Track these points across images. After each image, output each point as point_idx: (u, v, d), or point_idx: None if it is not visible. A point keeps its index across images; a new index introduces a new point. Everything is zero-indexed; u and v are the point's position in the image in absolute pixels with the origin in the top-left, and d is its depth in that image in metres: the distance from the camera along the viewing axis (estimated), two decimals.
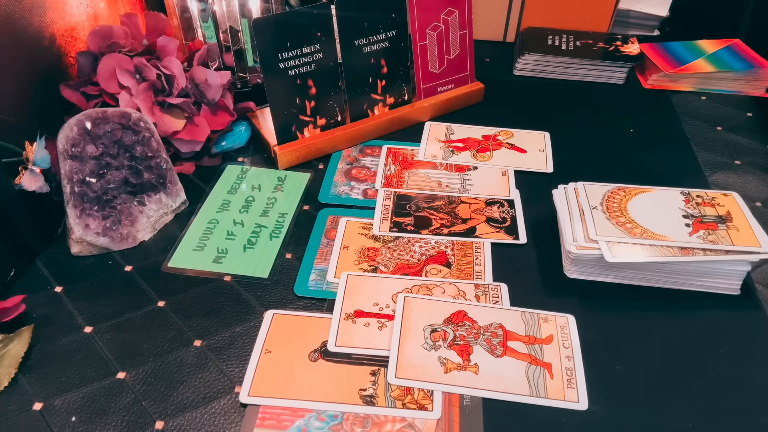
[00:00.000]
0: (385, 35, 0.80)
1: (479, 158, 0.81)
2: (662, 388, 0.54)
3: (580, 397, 0.53)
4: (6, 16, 0.66)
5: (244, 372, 0.55)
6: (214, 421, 0.51)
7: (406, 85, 0.86)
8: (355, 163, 0.81)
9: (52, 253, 0.67)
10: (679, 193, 0.67)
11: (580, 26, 1.06)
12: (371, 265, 0.65)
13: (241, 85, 0.89)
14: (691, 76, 0.97)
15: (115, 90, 0.72)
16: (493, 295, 0.62)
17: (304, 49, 0.74)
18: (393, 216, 0.71)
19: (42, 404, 0.52)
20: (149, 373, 0.55)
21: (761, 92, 0.97)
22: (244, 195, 0.75)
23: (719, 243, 0.60)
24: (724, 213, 0.64)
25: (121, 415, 0.51)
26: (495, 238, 0.69)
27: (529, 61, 1.00)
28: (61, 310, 0.60)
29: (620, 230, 0.61)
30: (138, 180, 0.68)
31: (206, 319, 0.60)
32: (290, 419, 0.51)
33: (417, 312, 0.59)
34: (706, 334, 0.59)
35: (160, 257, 0.66)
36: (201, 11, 0.83)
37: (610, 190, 0.67)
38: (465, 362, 0.55)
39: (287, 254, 0.67)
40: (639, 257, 0.59)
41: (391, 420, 0.51)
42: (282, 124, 0.77)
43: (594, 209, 0.63)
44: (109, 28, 0.74)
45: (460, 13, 0.85)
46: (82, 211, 0.65)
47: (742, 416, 0.52)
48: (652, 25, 1.11)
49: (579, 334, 0.58)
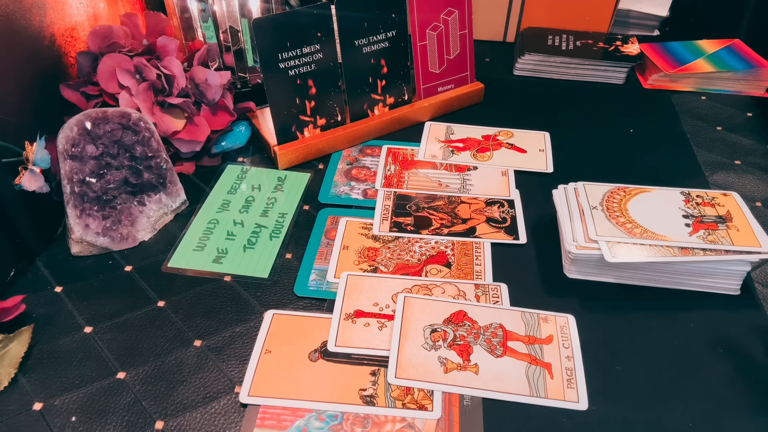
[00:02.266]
0: (385, 35, 0.80)
1: (479, 158, 0.81)
2: (662, 388, 0.54)
3: (580, 397, 0.53)
4: (6, 16, 0.66)
5: (244, 372, 0.55)
6: (214, 421, 0.51)
7: (406, 85, 0.86)
8: (355, 163, 0.81)
9: (52, 253, 0.67)
10: (679, 193, 0.67)
11: (580, 26, 1.06)
12: (371, 265, 0.65)
13: (241, 85, 0.89)
14: (691, 76, 0.97)
15: (115, 90, 0.72)
16: (493, 295, 0.62)
17: (304, 49, 0.74)
18: (393, 216, 0.71)
19: (42, 404, 0.52)
20: (149, 373, 0.55)
21: (761, 92, 0.97)
22: (244, 195, 0.75)
23: (719, 243, 0.59)
24: (724, 213, 0.64)
25: (121, 415, 0.51)
26: (495, 238, 0.69)
27: (529, 61, 1.00)
28: (61, 310, 0.60)
29: (620, 230, 0.61)
30: (138, 180, 0.68)
31: (206, 319, 0.60)
32: (290, 419, 0.51)
33: (417, 312, 0.59)
34: (706, 334, 0.59)
35: (160, 257, 0.66)
36: (201, 11, 0.83)
37: (610, 190, 0.67)
38: (465, 362, 0.55)
39: (287, 254, 0.67)
40: (639, 257, 0.59)
41: (391, 420, 0.51)
42: (282, 124, 0.77)
43: (594, 209, 0.63)
44: (109, 28, 0.74)
45: (460, 13, 0.85)
46: (82, 211, 0.65)
47: (742, 416, 0.52)
48: (652, 25, 1.11)
49: (579, 334, 0.58)
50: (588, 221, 0.62)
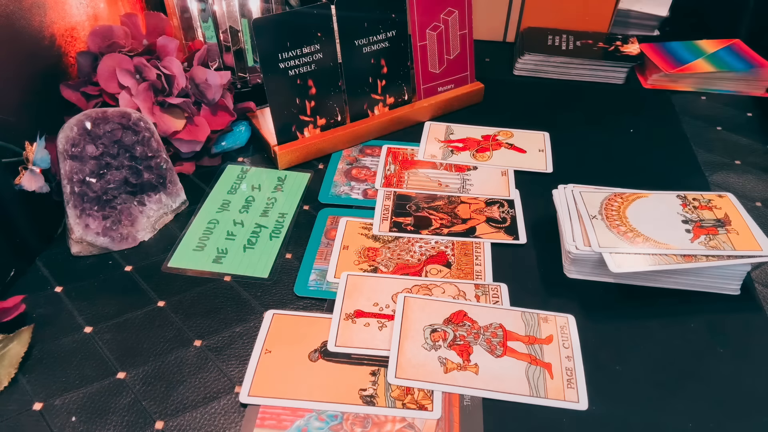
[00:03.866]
0: (385, 35, 0.80)
1: (479, 158, 0.81)
2: (662, 388, 0.54)
3: (580, 397, 0.53)
4: (6, 16, 0.65)
5: (244, 372, 0.55)
6: (214, 421, 0.51)
7: (406, 85, 0.86)
8: (355, 163, 0.81)
9: (52, 253, 0.67)
10: (676, 197, 0.66)
11: (580, 26, 1.06)
12: (371, 265, 0.65)
13: (241, 85, 0.89)
14: (691, 76, 0.97)
15: (115, 90, 0.72)
16: (493, 295, 0.62)
17: (304, 49, 0.74)
18: (393, 216, 0.71)
19: (42, 404, 0.52)
20: (149, 373, 0.55)
21: (761, 92, 0.97)
22: (244, 195, 0.75)
23: (721, 248, 0.59)
24: (722, 216, 0.64)
25: (121, 415, 0.51)
26: (495, 238, 0.69)
27: (529, 61, 1.00)
28: (61, 310, 0.60)
29: (622, 239, 0.61)
30: (138, 180, 0.68)
31: (206, 319, 0.60)
32: (290, 419, 0.51)
33: (417, 312, 0.59)
34: (706, 334, 0.59)
35: (160, 257, 0.66)
36: (201, 11, 0.83)
37: (606, 197, 0.66)
38: (465, 362, 0.55)
39: (287, 254, 0.67)
40: (643, 266, 0.59)
41: (391, 420, 0.51)
42: (282, 124, 0.77)
43: (594, 218, 0.63)
44: (109, 28, 0.74)
45: (460, 13, 0.85)
46: (82, 211, 0.65)
47: (742, 416, 0.52)
48: (652, 25, 1.11)
49: (579, 334, 0.58)
50: (588, 230, 0.62)
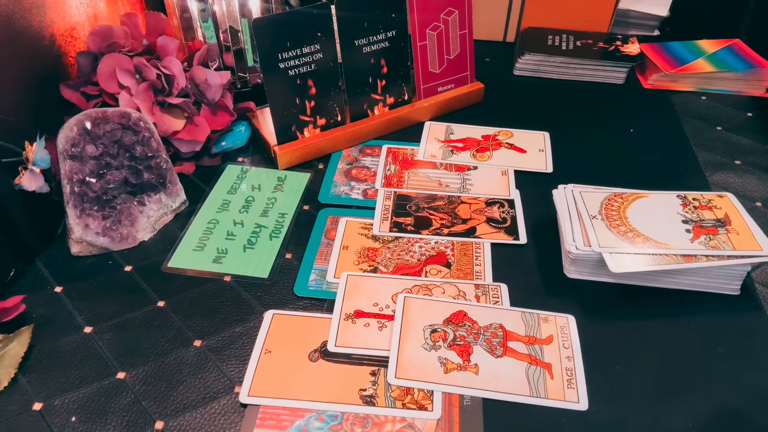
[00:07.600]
0: (385, 35, 0.80)
1: (479, 158, 0.81)
2: (662, 388, 0.54)
3: (580, 398, 0.53)
4: (6, 16, 0.66)
5: (243, 372, 0.55)
6: (214, 422, 0.51)
7: (406, 85, 0.86)
8: (355, 163, 0.81)
9: (52, 253, 0.67)
10: (676, 197, 0.66)
11: (580, 26, 1.06)
12: (371, 265, 0.65)
13: (241, 85, 0.89)
14: (691, 76, 0.97)
15: (115, 90, 0.72)
16: (493, 295, 0.62)
17: (304, 49, 0.74)
18: (393, 216, 0.71)
19: (42, 404, 0.52)
20: (149, 373, 0.55)
21: (761, 92, 0.97)
22: (244, 195, 0.75)
23: (721, 248, 0.60)
24: (722, 216, 0.64)
25: (121, 415, 0.51)
26: (495, 238, 0.69)
27: (529, 61, 1.00)
28: (61, 310, 0.60)
29: (622, 240, 0.61)
30: (138, 180, 0.68)
31: (206, 319, 0.60)
32: (290, 419, 0.51)
33: (417, 312, 0.59)
34: (705, 334, 0.59)
35: (160, 257, 0.66)
36: (201, 11, 0.83)
37: (607, 197, 0.67)
38: (465, 362, 0.55)
39: (287, 254, 0.67)
40: (644, 266, 0.59)
41: (391, 420, 0.51)
42: (282, 124, 0.77)
43: (594, 219, 0.63)
44: (109, 28, 0.74)
45: (460, 13, 0.85)
46: (82, 211, 0.65)
47: (742, 416, 0.52)
48: (652, 25, 1.11)
49: (579, 335, 0.58)
50: (589, 230, 0.62)
